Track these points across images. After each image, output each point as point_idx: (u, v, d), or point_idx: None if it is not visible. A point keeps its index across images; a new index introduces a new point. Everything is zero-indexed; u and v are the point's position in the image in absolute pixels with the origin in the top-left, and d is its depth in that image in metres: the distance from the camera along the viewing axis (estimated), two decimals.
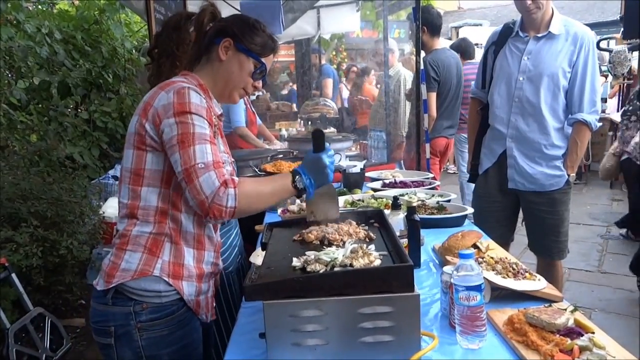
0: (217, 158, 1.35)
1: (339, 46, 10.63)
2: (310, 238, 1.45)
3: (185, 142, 1.32)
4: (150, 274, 1.40)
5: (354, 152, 4.22)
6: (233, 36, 1.49)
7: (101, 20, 4.96)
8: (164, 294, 1.42)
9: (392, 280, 1.14)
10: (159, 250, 1.42)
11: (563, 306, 1.41)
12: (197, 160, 1.31)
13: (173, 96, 1.36)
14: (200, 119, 1.36)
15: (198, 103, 1.37)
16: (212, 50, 1.51)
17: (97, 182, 4.08)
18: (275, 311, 1.14)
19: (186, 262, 1.46)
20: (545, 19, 2.58)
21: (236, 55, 1.50)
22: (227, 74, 1.51)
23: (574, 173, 2.69)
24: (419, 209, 2.34)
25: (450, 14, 18.51)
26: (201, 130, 1.35)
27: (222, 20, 1.55)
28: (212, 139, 1.38)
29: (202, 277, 1.51)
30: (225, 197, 1.30)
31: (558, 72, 2.55)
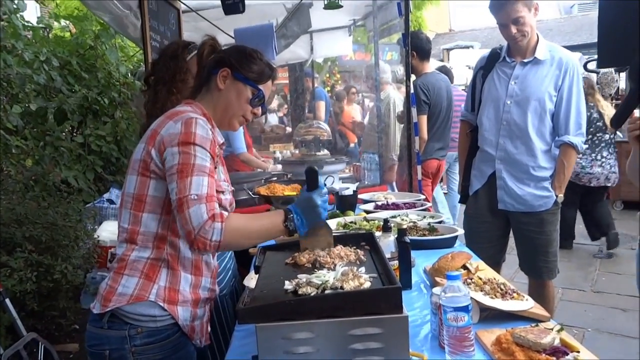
0: (211, 191, 1.37)
1: (332, 69, 10.79)
2: (302, 261, 1.48)
3: (183, 172, 1.36)
4: (146, 299, 1.42)
5: (347, 174, 4.27)
6: (230, 66, 1.54)
7: (96, 46, 5.03)
8: (159, 319, 1.44)
9: (381, 302, 1.17)
10: (156, 275, 1.45)
11: (550, 325, 1.44)
12: (191, 192, 1.34)
13: (181, 126, 1.41)
14: (202, 151, 1.39)
15: (204, 135, 1.41)
16: (211, 80, 1.56)
17: (91, 206, 4.09)
18: (267, 334, 1.17)
19: (182, 287, 1.49)
20: (531, 45, 2.67)
21: (234, 84, 1.55)
22: (226, 102, 1.56)
23: (561, 194, 2.75)
24: (411, 230, 2.38)
25: (442, 36, 18.84)
26: (201, 162, 1.38)
27: (221, 52, 1.61)
28: (212, 172, 1.41)
29: (197, 303, 1.54)
30: (211, 231, 1.32)
31: (544, 96, 2.63)
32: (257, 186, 3.12)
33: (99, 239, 3.73)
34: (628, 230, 6.04)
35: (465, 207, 3.04)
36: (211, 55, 1.59)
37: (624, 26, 1.12)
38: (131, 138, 4.86)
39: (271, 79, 1.63)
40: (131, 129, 4.88)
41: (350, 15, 5.20)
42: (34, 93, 4.14)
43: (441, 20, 19.51)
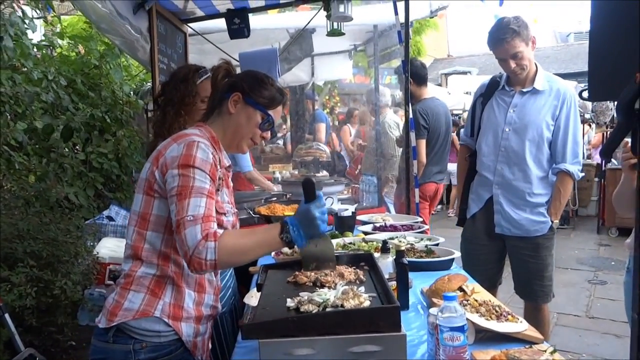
0: (209, 212, 1.40)
1: (332, 91, 10.95)
2: (304, 280, 1.53)
3: (182, 194, 1.40)
4: (151, 314, 1.46)
5: (346, 196, 4.32)
6: (242, 90, 1.59)
7: (101, 65, 5.13)
8: (164, 334, 1.48)
9: (380, 320, 1.21)
10: (161, 291, 1.49)
11: (543, 347, 1.48)
12: (188, 213, 1.37)
13: (182, 149, 1.45)
14: (202, 173, 1.43)
15: (204, 158, 1.44)
16: (223, 104, 1.61)
17: (91, 223, 4.12)
18: (270, 349, 1.20)
19: (186, 304, 1.52)
20: (530, 76, 2.76)
21: (244, 108, 1.59)
22: (236, 126, 1.60)
23: (557, 220, 2.81)
24: (408, 252, 2.42)
25: (440, 61, 19.14)
26: (200, 185, 1.42)
27: (234, 76, 1.66)
28: (212, 194, 1.44)
29: (200, 319, 1.57)
30: (205, 251, 1.33)
31: (542, 124, 2.71)
32: (257, 206, 3.17)
33: (98, 256, 3.74)
34: (623, 257, 6.07)
35: (462, 230, 3.09)
36: (225, 79, 1.64)
37: (614, 60, 1.19)
38: (132, 156, 4.92)
39: (282, 104, 1.68)
40: (132, 147, 4.94)
41: (351, 40, 5.32)
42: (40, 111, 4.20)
43: (440, 45, 19.84)
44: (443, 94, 10.16)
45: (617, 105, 1.09)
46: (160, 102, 2.09)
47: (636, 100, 1.07)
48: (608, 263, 5.93)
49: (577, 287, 5.12)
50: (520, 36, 2.64)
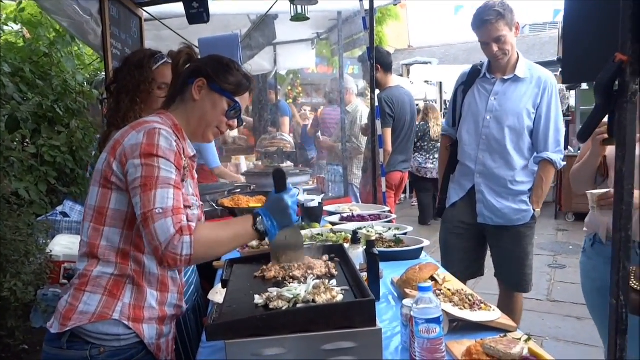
0: (178, 204, 1.32)
1: (295, 81, 10.82)
2: (272, 274, 1.45)
3: (147, 185, 1.30)
4: (109, 317, 1.36)
5: (312, 186, 4.25)
6: (206, 76, 1.50)
7: (51, 53, 4.85)
8: (124, 338, 1.38)
9: (355, 315, 1.15)
10: (120, 292, 1.39)
11: (517, 335, 1.46)
12: (156, 205, 1.28)
13: (143, 137, 1.35)
14: (167, 162, 1.34)
15: (167, 147, 1.35)
16: (186, 90, 1.51)
17: (44, 219, 3.90)
18: (237, 350, 1.13)
19: (148, 304, 1.43)
20: (511, 63, 2.74)
21: (209, 95, 1.50)
22: (201, 113, 1.51)
23: (539, 208, 2.82)
24: (377, 242, 2.38)
25: (401, 52, 19.26)
26: (166, 175, 1.33)
27: (197, 61, 1.57)
28: (178, 184, 1.36)
29: (164, 320, 1.48)
30: (180, 245, 1.26)
31: (522, 112, 2.70)
32: (220, 198, 3.06)
33: (52, 254, 3.55)
34: (580, 241, 6.28)
35: (442, 219, 3.07)
36: (187, 65, 1.55)
37: (589, 41, 1.16)
38: (87, 149, 4.68)
39: (249, 90, 1.59)
40: (87, 140, 4.69)
41: (314, 28, 5.23)
42: None
43: (401, 36, 19.97)
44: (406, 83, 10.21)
45: (595, 86, 1.06)
46: (113, 89, 1.95)
47: (615, 81, 1.04)
48: (566, 247, 6.11)
49: (538, 272, 5.23)
50: (505, 19, 2.60)
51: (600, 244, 2.12)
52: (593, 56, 1.14)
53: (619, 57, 1.00)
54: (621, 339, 1.10)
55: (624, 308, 1.08)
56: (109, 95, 1.98)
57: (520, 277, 2.88)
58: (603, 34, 1.11)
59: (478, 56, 2.93)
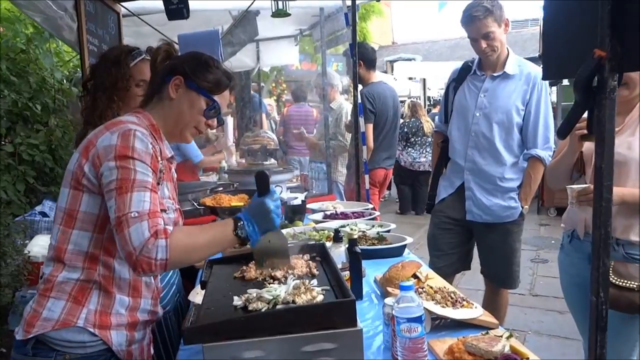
0: (155, 207, 1.27)
1: (279, 78, 10.78)
2: (252, 275, 1.43)
3: (122, 188, 1.25)
4: (73, 324, 1.31)
5: (295, 184, 4.23)
6: (184, 74, 1.44)
7: (29, 50, 4.74)
8: (89, 345, 1.33)
9: (335, 316, 1.14)
10: (85, 298, 1.34)
11: (499, 333, 1.45)
12: (132, 209, 1.23)
13: (117, 138, 1.30)
14: (142, 165, 1.29)
15: (142, 149, 1.31)
16: (163, 89, 1.46)
17: (22, 219, 3.82)
18: (215, 354, 1.10)
19: (115, 310, 1.37)
20: (500, 60, 2.73)
21: (187, 94, 1.45)
22: (178, 113, 1.46)
23: (527, 205, 2.82)
24: (360, 239, 2.37)
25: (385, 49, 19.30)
26: (142, 177, 1.28)
27: (175, 58, 1.52)
28: (154, 187, 1.31)
29: (135, 326, 1.43)
30: (155, 249, 1.20)
31: (512, 109, 2.69)
32: (202, 197, 3.02)
33: (30, 255, 3.47)
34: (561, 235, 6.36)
35: (431, 216, 3.07)
36: (165, 62, 1.50)
37: (568, 39, 1.15)
38: (67, 147, 4.59)
39: (229, 88, 1.53)
40: (67, 138, 4.60)
41: (297, 24, 5.20)
42: None
43: (384, 33, 20.00)
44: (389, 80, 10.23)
45: (574, 83, 1.06)
46: (90, 86, 1.90)
47: (594, 78, 1.03)
48: (548, 242, 6.18)
49: (521, 267, 5.27)
50: (493, 16, 2.59)
51: (577, 240, 2.13)
52: (573, 52, 1.13)
53: (597, 53, 1.00)
54: (601, 335, 1.10)
55: (604, 305, 1.08)
56: (86, 92, 1.93)
57: (508, 274, 2.89)
58: (582, 31, 1.11)
59: (462, 52, 2.94)
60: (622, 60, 1.00)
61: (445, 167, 2.99)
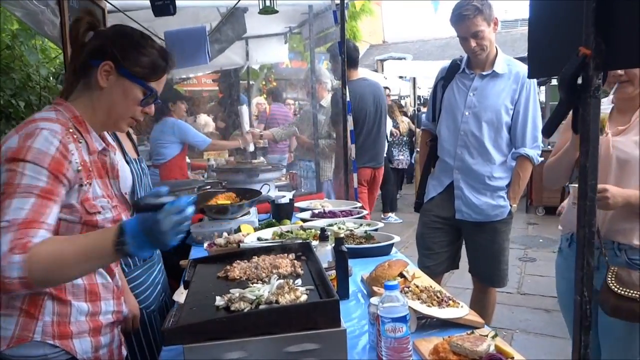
0: (35, 216, 1.12)
1: (269, 76, 10.73)
2: (235, 274, 1.41)
3: (5, 194, 1.12)
4: (30, 339, 1.22)
5: (283, 182, 4.20)
6: (113, 58, 1.28)
7: (14, 46, 4.67)
8: (52, 357, 1.25)
9: (318, 316, 1.12)
10: (38, 311, 1.24)
11: (485, 332, 1.45)
12: (4, 217, 1.09)
13: (18, 139, 1.17)
14: (35, 168, 1.15)
15: (42, 149, 1.16)
16: (90, 74, 1.31)
17: None
18: (196, 355, 1.08)
19: (74, 319, 1.29)
20: (489, 59, 2.73)
21: (119, 81, 1.30)
22: (109, 104, 1.32)
23: (516, 204, 2.83)
24: (347, 238, 2.35)
25: (376, 47, 19.32)
26: (29, 182, 1.14)
27: (101, 36, 1.33)
28: (50, 193, 1.16)
29: (99, 330, 1.35)
30: (9, 267, 1.05)
31: (501, 108, 2.69)
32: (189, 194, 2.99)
33: None
34: (549, 234, 6.41)
35: (420, 215, 3.06)
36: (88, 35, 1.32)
37: (553, 36, 1.15)
38: None
39: (165, 72, 1.37)
40: None
41: (286, 22, 5.17)
42: None
43: (375, 31, 20.01)
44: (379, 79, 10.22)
45: (559, 81, 1.05)
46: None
47: (579, 76, 1.02)
48: (536, 241, 6.22)
49: (509, 265, 5.31)
50: (483, 15, 2.59)
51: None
52: (558, 51, 1.12)
53: (582, 51, 0.99)
54: (585, 335, 1.09)
55: (588, 304, 1.07)
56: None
57: (496, 273, 2.90)
58: (567, 28, 1.10)
59: (452, 52, 2.93)
60: (606, 58, 0.99)
61: (434, 166, 2.99)
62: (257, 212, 2.94)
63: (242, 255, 1.57)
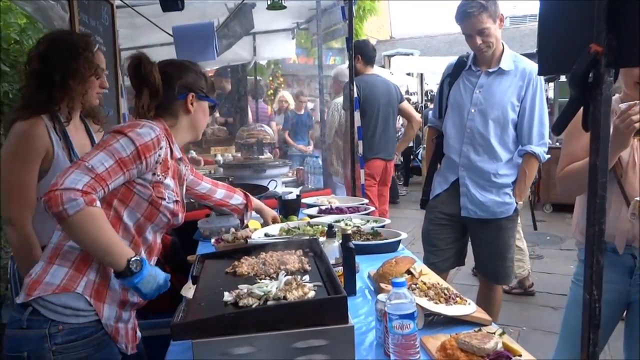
0: (107, 175, 1.33)
1: (276, 72, 10.74)
2: (243, 270, 1.41)
3: (99, 146, 1.38)
4: (72, 290, 1.39)
5: (290, 178, 4.21)
6: (194, 90, 1.64)
7: (22, 40, 4.70)
8: (82, 314, 1.40)
9: (326, 312, 1.12)
10: (86, 268, 1.42)
11: (492, 329, 1.45)
12: (90, 161, 1.32)
13: (124, 125, 1.46)
14: (128, 142, 1.39)
15: (140, 133, 1.42)
16: (174, 105, 1.63)
17: None
18: (205, 350, 1.09)
19: (112, 285, 1.46)
20: (496, 55, 2.71)
21: (200, 104, 1.67)
22: (196, 122, 1.68)
23: (521, 201, 2.81)
24: (354, 235, 2.35)
25: (383, 43, 19.25)
26: (118, 148, 1.38)
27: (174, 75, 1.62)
28: (126, 164, 1.38)
29: (124, 304, 1.52)
30: (69, 201, 1.24)
31: (507, 106, 2.67)
32: None
33: None
34: (557, 231, 6.38)
35: (425, 211, 3.05)
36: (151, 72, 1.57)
37: (563, 33, 1.14)
38: None
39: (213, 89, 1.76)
40: None
41: (293, 18, 5.16)
42: None
43: (382, 27, 19.95)
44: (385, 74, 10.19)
45: (569, 78, 1.04)
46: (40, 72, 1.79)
47: (589, 73, 1.01)
48: (544, 238, 6.18)
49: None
50: (488, 12, 2.56)
51: (613, 254, 1.87)
52: (568, 47, 1.11)
53: (593, 48, 0.98)
54: (594, 333, 1.09)
55: (597, 302, 1.07)
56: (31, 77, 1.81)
57: (502, 270, 2.89)
58: (578, 25, 1.09)
59: (460, 48, 2.91)
60: (618, 55, 0.98)
61: (440, 162, 2.98)
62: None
63: (250, 251, 1.58)
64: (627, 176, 1.82)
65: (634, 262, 1.86)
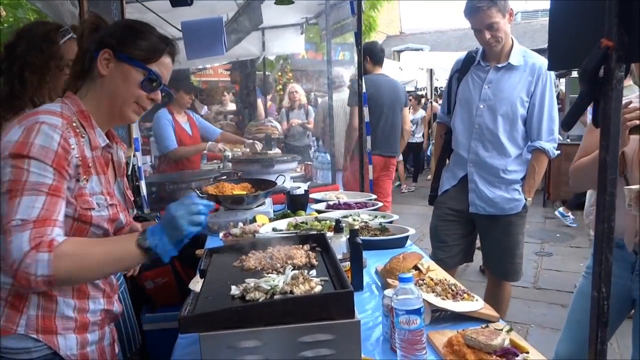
0: (47, 214, 1.14)
1: (285, 67, 10.72)
2: (250, 264, 1.42)
3: (12, 191, 1.14)
4: (13, 332, 1.23)
5: (299, 173, 4.21)
6: (112, 46, 1.31)
7: None
8: (34, 350, 1.25)
9: (332, 307, 1.12)
10: (23, 304, 1.24)
11: (499, 326, 1.44)
12: (16, 216, 1.12)
13: (21, 133, 1.17)
14: (40, 165, 1.16)
15: (44, 145, 1.17)
16: (93, 67, 1.33)
17: None
18: (212, 343, 1.09)
19: (60, 314, 1.28)
20: (505, 50, 2.69)
21: (118, 67, 1.32)
22: (111, 90, 1.33)
23: (530, 197, 2.79)
24: (362, 230, 2.36)
25: (393, 38, 19.17)
26: (36, 179, 1.15)
27: (102, 30, 1.36)
28: (57, 190, 1.18)
29: (86, 327, 1.34)
30: (34, 265, 1.09)
31: (516, 101, 2.65)
32: (205, 185, 3.02)
33: None
34: (567, 229, 6.33)
35: (434, 207, 3.05)
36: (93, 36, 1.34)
37: (574, 28, 1.13)
38: None
39: (169, 54, 1.39)
40: None
41: (302, 13, 5.16)
42: None
43: (392, 22, 19.86)
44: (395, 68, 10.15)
45: (580, 73, 1.03)
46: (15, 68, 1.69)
47: (600, 68, 1.00)
48: (553, 235, 6.15)
49: (525, 259, 5.16)
50: (497, 6, 2.55)
51: (620, 249, 1.85)
52: (579, 42, 1.10)
53: (604, 43, 0.97)
54: (602, 331, 1.08)
55: (605, 300, 1.06)
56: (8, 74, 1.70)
57: (510, 267, 2.88)
58: (589, 20, 1.08)
59: (470, 43, 2.88)
60: (629, 50, 0.97)
61: (449, 158, 2.97)
62: (272, 202, 2.96)
63: (257, 245, 1.58)
64: (632, 172, 1.81)
65: (636, 258, 1.85)
